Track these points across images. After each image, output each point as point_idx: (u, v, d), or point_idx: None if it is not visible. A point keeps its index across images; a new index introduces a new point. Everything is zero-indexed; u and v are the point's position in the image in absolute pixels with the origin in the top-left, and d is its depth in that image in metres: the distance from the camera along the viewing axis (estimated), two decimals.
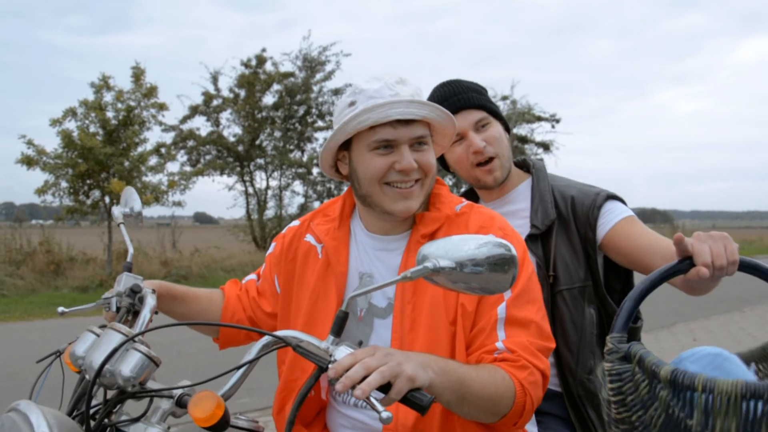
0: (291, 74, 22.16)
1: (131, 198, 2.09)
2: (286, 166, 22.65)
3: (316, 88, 22.49)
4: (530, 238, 2.26)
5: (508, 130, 2.37)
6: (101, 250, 16.33)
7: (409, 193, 1.80)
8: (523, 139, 24.97)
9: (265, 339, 1.48)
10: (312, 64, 22.32)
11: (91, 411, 1.47)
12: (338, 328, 1.42)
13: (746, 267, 1.57)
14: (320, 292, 1.92)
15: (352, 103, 1.80)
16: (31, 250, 15.95)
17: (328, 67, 22.41)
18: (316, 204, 22.68)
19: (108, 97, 15.61)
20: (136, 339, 1.44)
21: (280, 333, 1.49)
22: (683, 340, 8.92)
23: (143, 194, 15.48)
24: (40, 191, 15.25)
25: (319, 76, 22.45)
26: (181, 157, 21.37)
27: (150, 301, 1.77)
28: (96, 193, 15.64)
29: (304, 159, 22.93)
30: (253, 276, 2.18)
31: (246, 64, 21.67)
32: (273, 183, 23.33)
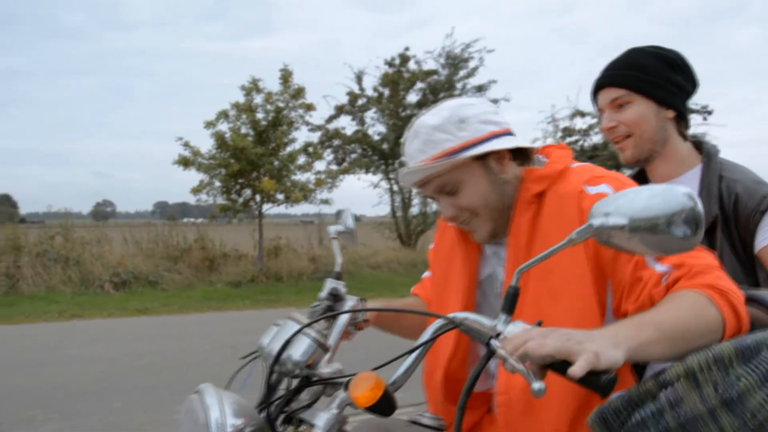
0: (434, 72, 22.12)
1: (347, 218, 2.23)
2: None
3: (459, 86, 22.34)
4: None
5: (670, 106, 2.16)
6: (252, 247, 16.88)
7: (470, 230, 1.81)
8: None
9: (437, 322, 1.42)
10: (455, 62, 22.20)
11: (276, 400, 1.50)
12: (510, 306, 1.27)
13: None
14: (451, 265, 1.93)
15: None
16: (187, 246, 16.61)
17: (471, 64, 22.25)
18: None
19: (258, 99, 16.08)
20: (311, 326, 1.49)
21: (450, 315, 1.40)
22: None
23: (292, 192, 15.88)
24: (196, 190, 15.89)
25: (462, 73, 22.32)
26: (328, 155, 21.78)
27: (349, 303, 1.89)
28: (247, 192, 16.15)
29: None
30: (427, 273, 2.20)
31: (390, 63, 21.81)
32: None
